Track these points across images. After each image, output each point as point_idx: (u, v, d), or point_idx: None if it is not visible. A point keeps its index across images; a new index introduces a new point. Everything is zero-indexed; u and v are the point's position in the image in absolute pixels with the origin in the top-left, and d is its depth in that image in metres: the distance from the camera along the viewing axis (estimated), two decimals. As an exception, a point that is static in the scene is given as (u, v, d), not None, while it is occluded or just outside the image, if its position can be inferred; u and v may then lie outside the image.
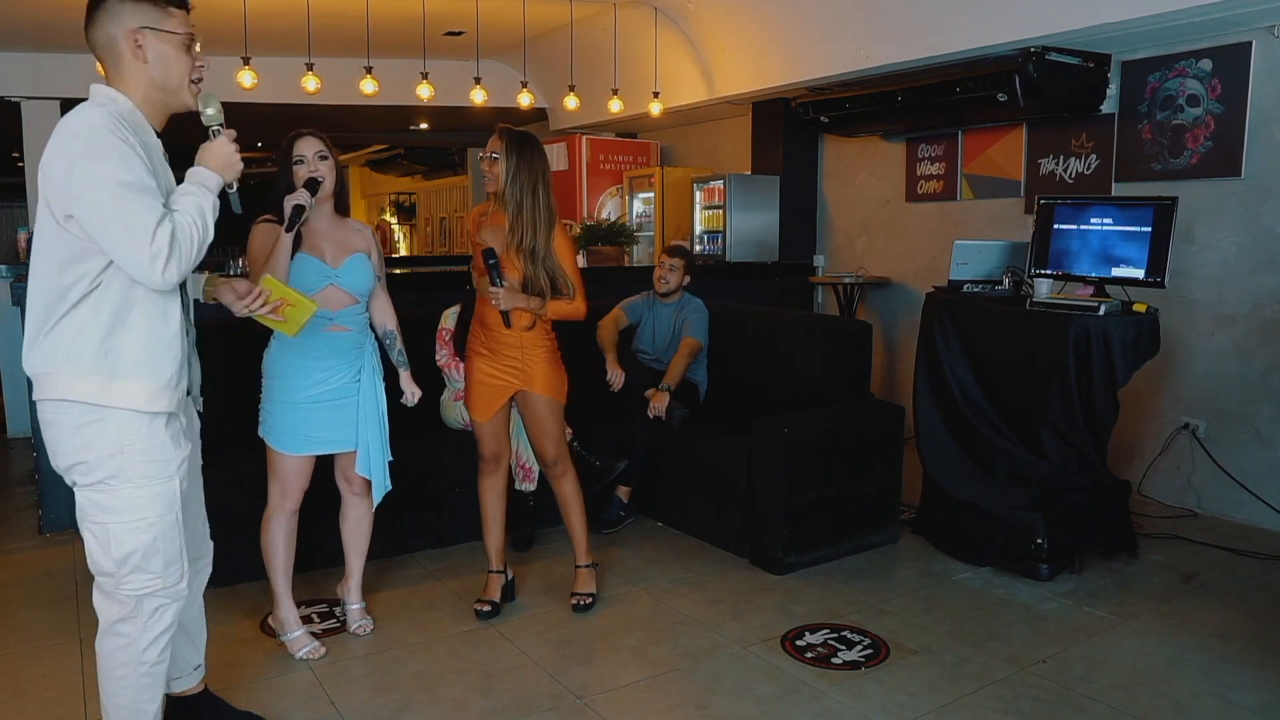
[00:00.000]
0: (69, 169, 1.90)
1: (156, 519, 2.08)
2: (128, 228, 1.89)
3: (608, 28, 7.10)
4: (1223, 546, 4.11)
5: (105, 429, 2.01)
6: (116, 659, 2.12)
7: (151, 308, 2.04)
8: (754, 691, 2.82)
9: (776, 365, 4.48)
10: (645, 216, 7.94)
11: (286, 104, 7.19)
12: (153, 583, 2.10)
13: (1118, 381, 3.69)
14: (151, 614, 2.12)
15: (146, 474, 2.06)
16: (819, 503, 3.83)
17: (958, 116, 5.52)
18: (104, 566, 2.07)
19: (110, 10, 2.02)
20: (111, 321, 1.99)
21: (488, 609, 3.33)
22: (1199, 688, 2.86)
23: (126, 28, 2.02)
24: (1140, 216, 3.83)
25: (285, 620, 3.05)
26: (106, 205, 1.89)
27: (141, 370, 2.03)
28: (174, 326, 2.09)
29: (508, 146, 3.07)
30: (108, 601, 2.12)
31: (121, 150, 1.92)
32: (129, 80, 2.05)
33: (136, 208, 1.90)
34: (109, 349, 1.99)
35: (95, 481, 2.03)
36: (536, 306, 3.12)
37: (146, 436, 2.05)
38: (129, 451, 2.03)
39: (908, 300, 6.23)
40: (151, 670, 2.15)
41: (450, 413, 4.19)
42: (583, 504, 3.43)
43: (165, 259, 1.91)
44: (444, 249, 13.61)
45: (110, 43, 2.03)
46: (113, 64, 2.05)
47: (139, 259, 1.90)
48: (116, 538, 2.05)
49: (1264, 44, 4.32)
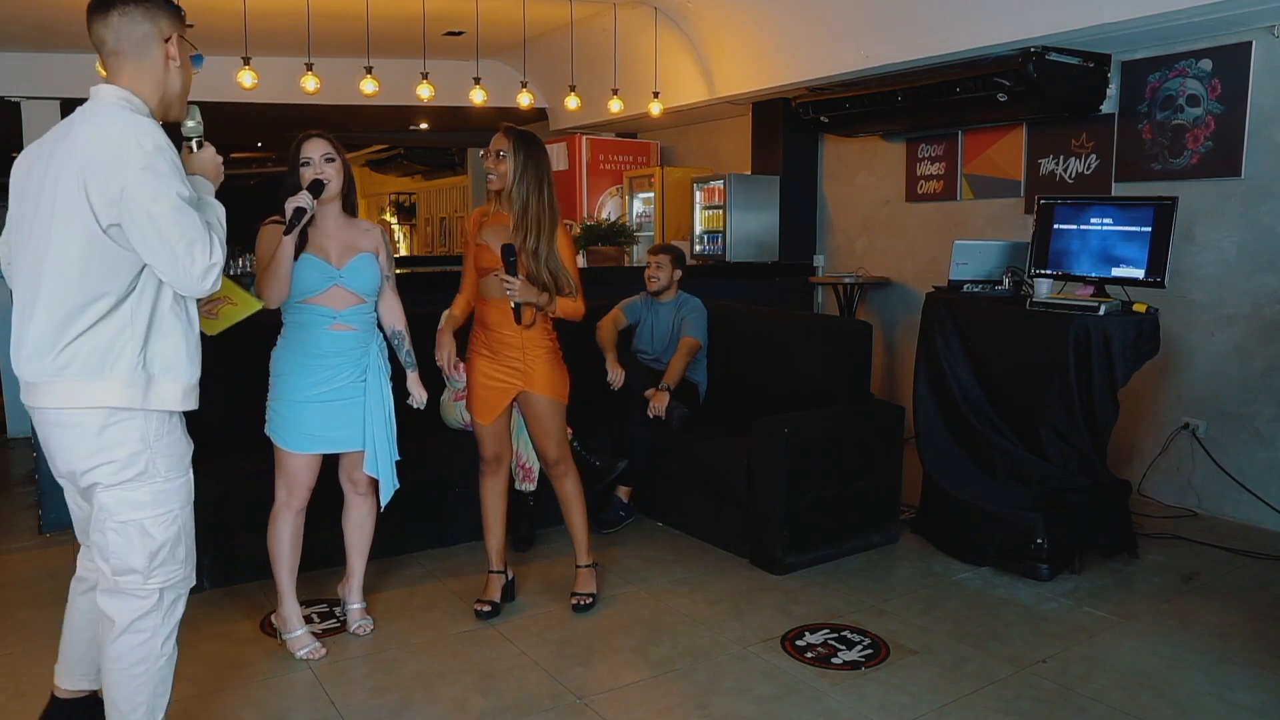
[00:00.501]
0: (126, 180, 1.89)
1: (180, 510, 2.13)
2: (189, 241, 1.92)
3: (608, 28, 7.10)
4: (1223, 546, 4.11)
5: (133, 426, 2.03)
6: (135, 656, 2.12)
7: (180, 311, 2.09)
8: (754, 691, 2.82)
9: (776, 365, 4.48)
10: (645, 216, 7.94)
11: (286, 104, 7.19)
12: (176, 573, 2.14)
13: (1118, 381, 3.69)
14: (170, 606, 2.15)
15: (171, 467, 2.10)
16: (819, 503, 3.83)
17: (958, 116, 5.52)
18: (134, 564, 2.08)
19: (149, 11, 2.02)
20: (147, 328, 2.02)
21: (488, 609, 3.33)
22: (1199, 688, 2.86)
23: (165, 31, 2.04)
24: (1140, 216, 3.83)
25: (288, 618, 3.05)
26: (170, 220, 1.91)
27: (177, 372, 2.08)
28: (197, 326, 2.15)
29: (514, 145, 3.07)
30: (123, 600, 2.11)
31: (178, 165, 1.96)
32: (149, 83, 2.05)
33: (195, 222, 1.94)
34: (147, 355, 2.03)
35: (125, 480, 2.04)
36: (546, 302, 3.13)
37: (169, 430, 2.10)
38: (155, 447, 2.07)
39: (908, 300, 6.23)
40: (168, 663, 2.18)
41: (450, 413, 4.19)
42: (584, 504, 3.43)
43: (219, 270, 1.99)
44: (444, 249, 13.59)
45: (144, 41, 2.02)
46: (134, 63, 2.03)
47: (193, 271, 1.94)
48: (149, 532, 2.07)
49: (1264, 44, 4.32)
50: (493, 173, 3.10)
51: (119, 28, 2.00)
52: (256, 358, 3.04)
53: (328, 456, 3.04)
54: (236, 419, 3.26)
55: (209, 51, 2.40)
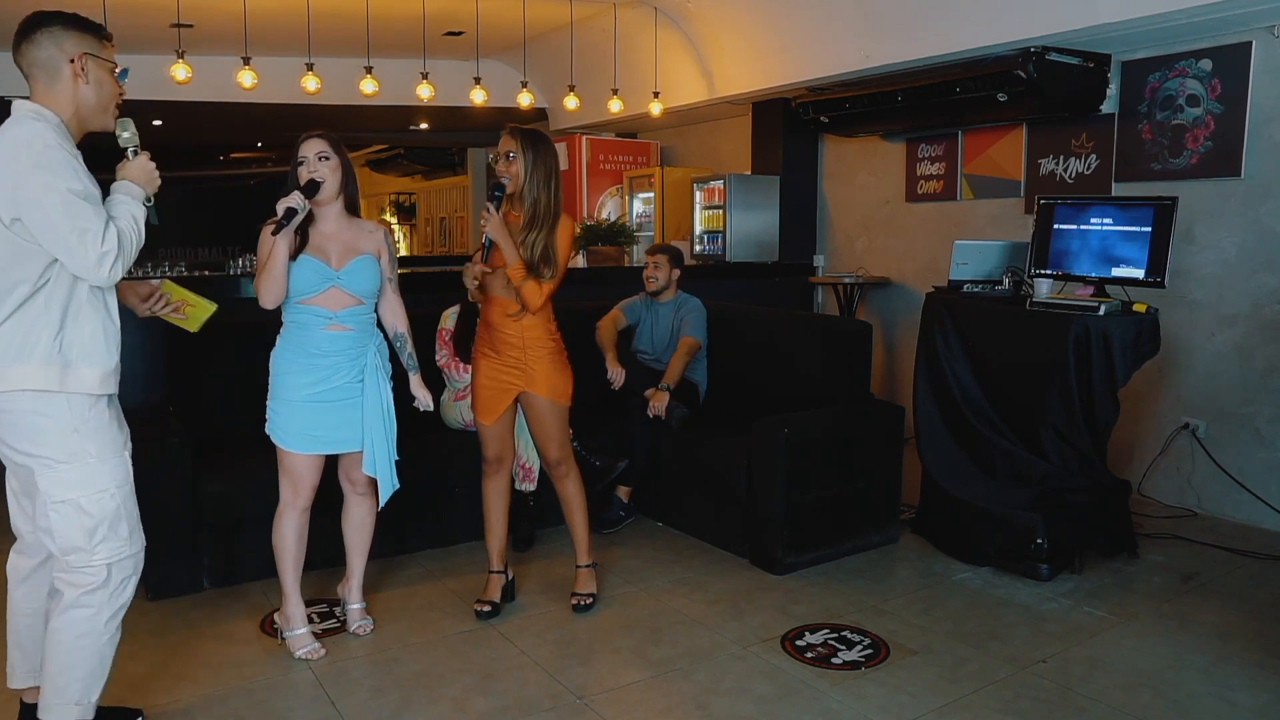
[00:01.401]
0: (19, 177, 2.08)
1: (116, 489, 2.28)
2: (79, 231, 2.09)
3: (608, 28, 7.10)
4: (1223, 546, 4.11)
5: (59, 412, 2.20)
6: (79, 630, 2.26)
7: (97, 301, 2.26)
8: (754, 691, 2.82)
9: (776, 365, 4.48)
10: (645, 216, 7.95)
11: (286, 104, 7.20)
12: (122, 549, 2.29)
13: (1118, 381, 3.69)
14: (119, 584, 2.30)
15: (101, 448, 2.25)
16: (819, 503, 3.83)
17: (958, 116, 5.52)
18: (76, 541, 2.23)
19: (54, 34, 2.20)
20: (62, 315, 2.19)
21: (488, 609, 3.33)
22: (1199, 688, 2.86)
23: (71, 52, 2.21)
24: (1140, 216, 3.83)
25: (291, 617, 3.05)
26: (60, 211, 2.08)
27: (94, 358, 2.24)
28: (115, 317, 2.31)
29: (523, 144, 3.06)
30: (73, 577, 2.26)
31: (69, 162, 2.13)
32: (62, 99, 2.22)
33: (87, 213, 2.11)
34: (62, 340, 2.19)
35: (57, 461, 2.21)
36: (511, 258, 3.03)
37: (95, 415, 2.25)
38: (83, 430, 2.22)
39: (908, 300, 6.23)
40: (111, 641, 2.32)
41: (450, 413, 4.19)
42: (585, 504, 3.43)
43: (114, 258, 2.13)
44: (444, 249, 13.58)
45: (52, 63, 2.21)
46: (47, 82, 2.22)
47: (89, 259, 2.11)
48: (85, 509, 2.23)
49: (1264, 44, 4.32)
50: (504, 175, 3.07)
51: (28, 54, 2.21)
52: (255, 358, 3.04)
53: (330, 455, 3.04)
54: (238, 419, 3.27)
55: (209, 51, 2.46)
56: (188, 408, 3.78)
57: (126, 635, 3.11)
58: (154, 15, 6.24)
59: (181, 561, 3.49)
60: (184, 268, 7.63)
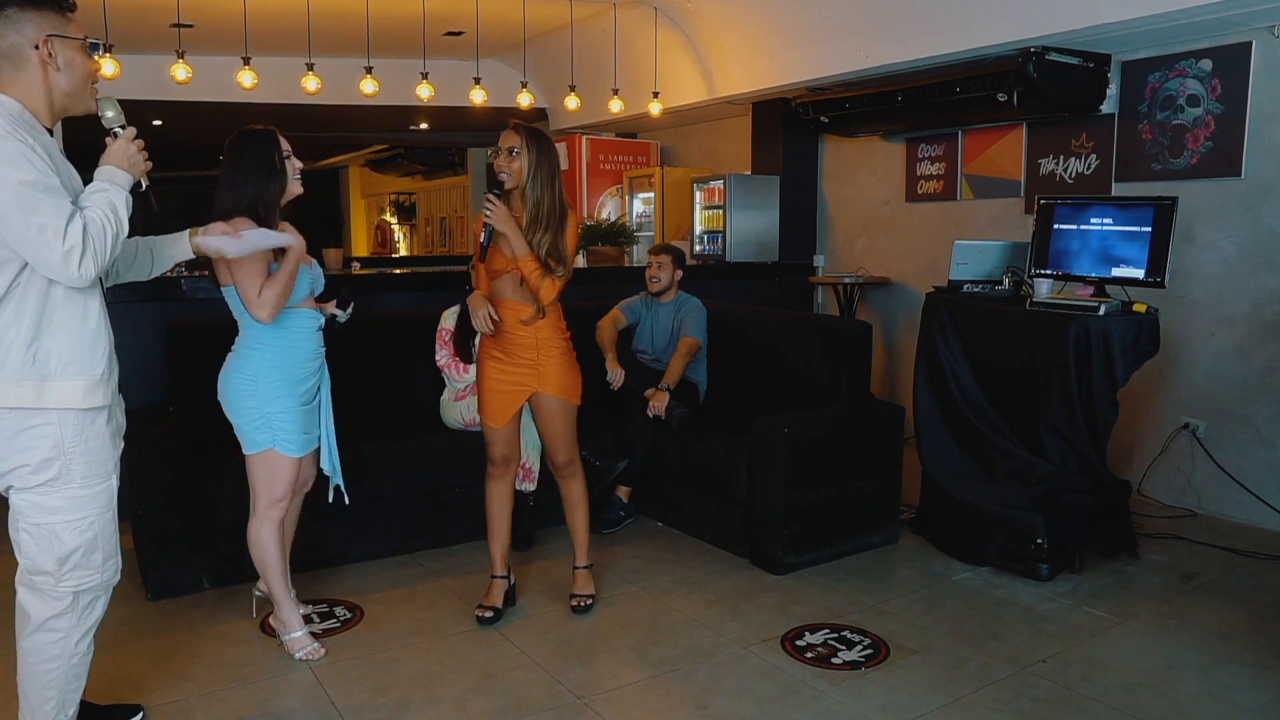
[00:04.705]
0: None
1: (97, 517, 2.14)
2: (38, 227, 1.89)
3: (608, 28, 7.10)
4: (1223, 546, 4.11)
5: (45, 432, 2.04)
6: (48, 653, 2.15)
7: (72, 305, 2.06)
8: (754, 691, 2.82)
9: (776, 365, 4.48)
10: (645, 216, 7.94)
11: (286, 104, 7.19)
12: (91, 578, 2.16)
13: (1118, 381, 3.69)
14: (86, 608, 2.18)
15: (87, 474, 2.10)
16: (819, 503, 3.83)
17: (958, 116, 5.51)
18: (44, 565, 2.10)
19: (11, 18, 2.00)
20: (35, 324, 2.01)
21: (490, 614, 3.29)
22: (1199, 688, 2.86)
23: (34, 36, 2.01)
24: (1140, 216, 3.83)
25: (288, 621, 3.05)
26: (13, 207, 1.89)
27: (74, 369, 2.06)
28: (95, 321, 2.11)
29: (526, 141, 3.01)
30: (39, 599, 2.14)
31: (21, 150, 1.92)
32: (29, 86, 2.03)
33: (44, 207, 1.90)
34: (36, 352, 2.01)
35: (37, 484, 2.07)
36: (521, 249, 2.98)
37: (88, 437, 2.10)
38: (70, 453, 2.07)
39: (908, 300, 6.22)
40: (81, 661, 2.21)
41: (450, 413, 4.19)
42: (588, 506, 3.43)
43: (80, 255, 1.92)
44: (444, 249, 13.58)
45: (15, 51, 2.01)
46: (11, 73, 2.02)
47: (52, 257, 1.91)
48: (59, 537, 2.09)
49: (1264, 44, 4.32)
50: (505, 171, 3.00)
51: None
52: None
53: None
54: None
55: (209, 51, 2.41)
56: (188, 408, 3.78)
57: (127, 634, 3.14)
58: (154, 15, 6.24)
59: (181, 561, 3.49)
60: (184, 267, 7.61)
